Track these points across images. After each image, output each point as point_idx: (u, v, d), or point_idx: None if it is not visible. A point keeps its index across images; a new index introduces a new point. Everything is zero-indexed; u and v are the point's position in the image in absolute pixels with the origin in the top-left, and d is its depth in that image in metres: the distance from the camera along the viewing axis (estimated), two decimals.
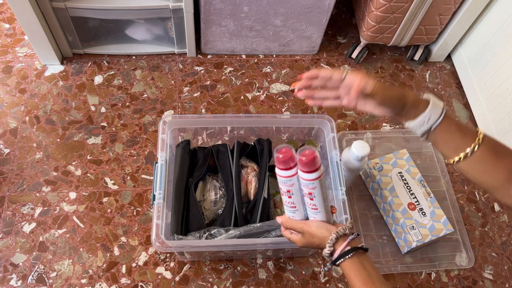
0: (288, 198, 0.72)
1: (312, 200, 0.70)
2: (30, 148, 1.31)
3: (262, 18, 1.41)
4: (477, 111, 1.46)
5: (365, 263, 0.69)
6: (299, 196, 0.72)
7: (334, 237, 0.70)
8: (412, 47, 1.57)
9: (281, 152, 0.66)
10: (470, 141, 0.65)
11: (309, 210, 0.73)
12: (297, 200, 0.72)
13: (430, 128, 0.67)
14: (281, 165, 0.67)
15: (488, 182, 0.66)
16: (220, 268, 1.17)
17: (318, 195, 0.69)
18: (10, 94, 1.40)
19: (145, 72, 1.49)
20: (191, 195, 1.04)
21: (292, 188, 0.70)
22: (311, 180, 0.67)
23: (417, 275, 1.21)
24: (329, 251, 0.70)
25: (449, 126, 0.66)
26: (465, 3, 1.37)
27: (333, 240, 0.70)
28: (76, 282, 1.13)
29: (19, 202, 1.22)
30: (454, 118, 0.67)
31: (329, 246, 0.70)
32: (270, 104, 1.47)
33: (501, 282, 1.22)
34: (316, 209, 0.72)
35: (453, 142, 0.66)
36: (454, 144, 0.66)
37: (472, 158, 0.65)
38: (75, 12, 1.31)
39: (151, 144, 1.35)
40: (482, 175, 0.66)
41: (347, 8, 1.72)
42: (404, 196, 1.22)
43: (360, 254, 0.69)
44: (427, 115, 0.66)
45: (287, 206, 0.74)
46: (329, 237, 0.70)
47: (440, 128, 0.66)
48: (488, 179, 0.66)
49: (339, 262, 0.69)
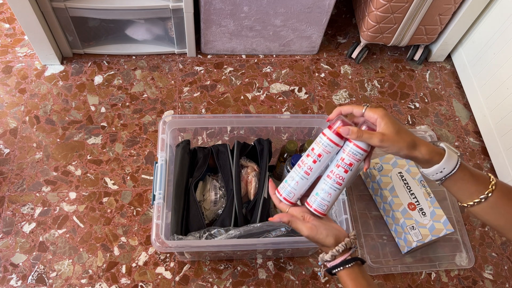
0: (313, 162, 0.72)
1: (346, 173, 0.70)
2: (30, 148, 1.31)
3: (262, 18, 1.41)
4: (477, 111, 1.46)
5: (364, 273, 0.71)
6: (322, 167, 0.72)
7: (341, 249, 0.71)
8: (412, 47, 1.57)
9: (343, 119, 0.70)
10: (484, 188, 0.66)
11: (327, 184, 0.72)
12: (317, 168, 0.72)
13: (444, 177, 0.68)
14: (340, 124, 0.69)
15: (501, 225, 0.68)
16: (220, 268, 1.17)
17: (355, 169, 0.70)
18: (10, 94, 1.40)
19: (145, 72, 1.49)
20: (191, 195, 1.04)
21: (325, 154, 0.71)
22: (363, 150, 0.69)
23: (417, 275, 1.21)
24: (330, 258, 0.71)
25: (463, 175, 0.68)
26: (465, 3, 1.37)
27: (339, 252, 0.71)
28: (76, 282, 1.13)
29: (19, 202, 1.22)
30: (468, 167, 0.69)
31: (332, 254, 0.71)
32: (270, 104, 1.47)
33: (501, 282, 1.22)
34: (340, 184, 0.71)
35: (467, 190, 0.68)
36: (467, 191, 0.68)
37: (485, 204, 0.66)
38: (75, 12, 1.31)
39: (151, 144, 1.35)
40: (495, 218, 0.68)
41: (347, 8, 1.72)
42: (404, 196, 1.22)
43: (359, 264, 0.71)
44: (441, 167, 0.67)
45: (300, 169, 0.72)
46: (335, 247, 0.71)
47: (454, 178, 0.67)
48: (501, 222, 0.68)
49: (338, 270, 0.71)
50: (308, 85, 1.52)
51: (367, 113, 0.69)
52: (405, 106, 1.51)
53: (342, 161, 0.70)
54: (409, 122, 1.47)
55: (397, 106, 1.50)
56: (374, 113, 0.68)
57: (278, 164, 1.23)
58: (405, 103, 1.52)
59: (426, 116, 1.49)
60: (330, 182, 0.72)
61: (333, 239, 0.72)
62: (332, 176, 0.71)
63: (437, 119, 1.49)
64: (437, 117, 1.50)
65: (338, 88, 1.52)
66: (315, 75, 1.55)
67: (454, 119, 1.50)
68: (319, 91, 1.51)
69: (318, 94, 1.50)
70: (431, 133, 1.43)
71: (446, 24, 1.45)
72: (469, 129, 1.48)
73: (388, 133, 0.66)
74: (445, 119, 1.50)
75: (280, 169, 1.23)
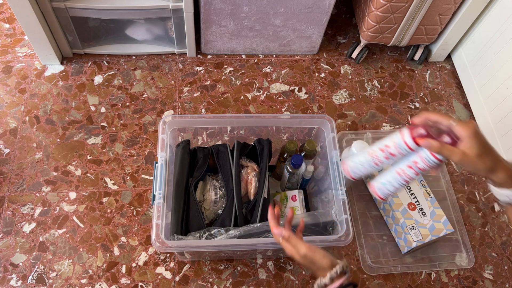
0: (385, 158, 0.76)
1: (416, 175, 0.74)
2: (30, 148, 1.31)
3: (262, 18, 1.41)
4: (477, 111, 1.46)
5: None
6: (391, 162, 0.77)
7: (339, 271, 0.74)
8: (412, 47, 1.57)
9: None
10: None
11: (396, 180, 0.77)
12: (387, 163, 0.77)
13: (509, 203, 0.69)
14: (423, 131, 0.70)
15: None
16: (220, 268, 1.17)
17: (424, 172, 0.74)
18: (10, 94, 1.40)
19: (145, 72, 1.49)
20: (191, 195, 1.04)
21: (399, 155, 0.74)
22: (439, 160, 0.71)
23: (417, 275, 1.21)
24: (329, 281, 0.74)
25: None
26: (465, 3, 1.37)
27: (337, 274, 0.73)
28: (76, 282, 1.13)
29: (19, 202, 1.22)
30: None
31: (330, 277, 0.73)
32: (270, 104, 1.47)
33: (501, 282, 1.22)
34: (407, 181, 0.76)
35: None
36: None
37: None
38: (75, 12, 1.31)
39: (151, 144, 1.35)
40: None
41: (347, 8, 1.72)
42: (404, 196, 1.22)
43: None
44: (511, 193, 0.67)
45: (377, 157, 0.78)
46: (332, 269, 0.74)
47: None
48: None
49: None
50: (308, 85, 1.52)
51: (457, 128, 0.67)
52: (405, 106, 1.51)
53: (415, 164, 0.73)
54: (409, 122, 1.47)
55: (397, 106, 1.50)
56: (463, 130, 0.66)
57: (278, 164, 1.23)
58: (405, 103, 1.52)
59: None
60: (399, 179, 0.76)
61: (329, 261, 0.76)
62: (402, 174, 0.75)
63: None
64: None
65: (338, 88, 1.52)
66: (315, 75, 1.55)
67: None
68: (319, 91, 1.51)
69: (318, 94, 1.50)
70: None
71: (446, 24, 1.45)
72: None
73: (471, 154, 0.65)
74: None
75: (280, 169, 1.23)
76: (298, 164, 1.09)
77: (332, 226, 1.02)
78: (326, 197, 1.10)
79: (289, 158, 1.12)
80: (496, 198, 0.69)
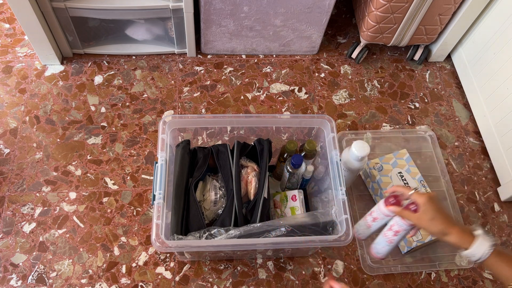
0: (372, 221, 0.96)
1: (395, 236, 0.90)
2: (30, 148, 1.31)
3: (262, 18, 1.41)
4: (477, 111, 1.46)
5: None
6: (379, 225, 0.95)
7: None
8: (412, 47, 1.57)
9: None
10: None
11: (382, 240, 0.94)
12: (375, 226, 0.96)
13: (476, 261, 0.77)
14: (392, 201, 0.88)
15: None
16: (220, 268, 1.18)
17: (403, 234, 0.89)
18: (10, 94, 1.40)
19: (145, 72, 1.49)
20: (191, 195, 1.04)
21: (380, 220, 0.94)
22: (408, 224, 0.87)
23: (417, 275, 1.21)
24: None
25: (497, 262, 0.74)
26: (465, 3, 1.37)
27: None
28: (76, 282, 1.13)
29: (19, 202, 1.22)
30: (505, 252, 0.75)
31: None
32: (270, 104, 1.47)
33: (501, 282, 1.22)
34: (391, 242, 0.92)
35: (503, 274, 0.74)
36: (504, 276, 0.74)
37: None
38: (75, 12, 1.31)
39: (151, 144, 1.35)
40: None
41: (347, 8, 1.72)
42: None
43: None
44: (470, 253, 0.76)
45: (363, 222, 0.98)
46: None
47: (487, 263, 0.76)
48: None
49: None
50: (308, 85, 1.52)
51: (414, 196, 0.83)
52: (405, 106, 1.51)
53: (391, 227, 0.90)
54: (409, 122, 1.48)
55: (397, 106, 1.50)
56: (419, 198, 0.82)
57: (278, 164, 1.23)
58: (405, 103, 1.52)
59: (426, 116, 1.49)
60: (384, 239, 0.93)
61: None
62: (385, 236, 0.92)
63: (437, 119, 1.49)
64: (437, 117, 1.50)
65: (338, 88, 1.52)
66: (315, 75, 1.55)
67: (454, 119, 1.50)
68: (319, 91, 1.51)
69: (318, 94, 1.50)
70: (431, 133, 1.43)
71: (446, 24, 1.45)
72: (469, 129, 1.48)
73: (425, 218, 0.80)
74: (445, 119, 1.50)
75: (280, 169, 1.23)
76: (298, 164, 1.09)
77: (332, 226, 1.02)
78: (326, 197, 1.10)
79: (289, 158, 1.12)
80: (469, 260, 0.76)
